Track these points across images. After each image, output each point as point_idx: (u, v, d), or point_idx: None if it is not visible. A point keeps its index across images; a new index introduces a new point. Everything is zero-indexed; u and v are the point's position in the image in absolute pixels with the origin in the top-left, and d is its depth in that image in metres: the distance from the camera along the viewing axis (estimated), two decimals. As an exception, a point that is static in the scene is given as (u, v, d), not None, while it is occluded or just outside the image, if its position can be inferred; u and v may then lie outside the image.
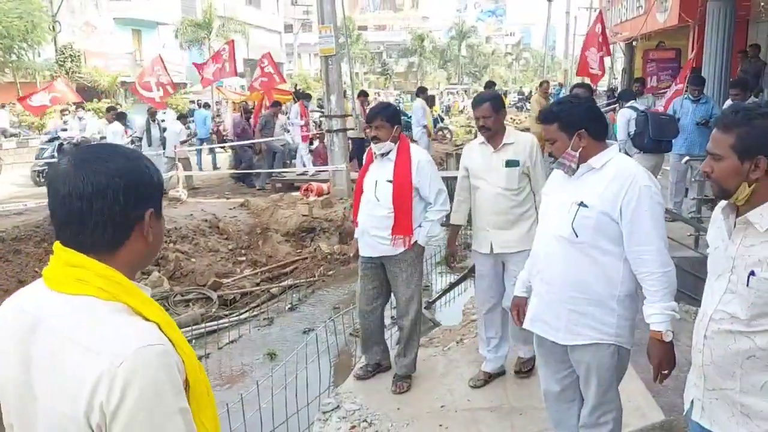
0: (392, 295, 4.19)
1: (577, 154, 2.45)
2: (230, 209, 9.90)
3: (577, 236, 2.43)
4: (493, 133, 3.73)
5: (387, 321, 4.62)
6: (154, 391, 1.08)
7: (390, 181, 3.87)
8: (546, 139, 2.57)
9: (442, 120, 22.22)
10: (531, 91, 33.98)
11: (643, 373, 3.55)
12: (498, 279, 3.94)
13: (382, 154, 3.89)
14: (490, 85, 14.02)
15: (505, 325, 4.02)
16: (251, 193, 11.66)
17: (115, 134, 11.75)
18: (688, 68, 9.59)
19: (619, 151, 2.58)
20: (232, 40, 15.39)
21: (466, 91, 41.45)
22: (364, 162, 4.19)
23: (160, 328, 1.16)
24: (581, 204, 2.42)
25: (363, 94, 14.36)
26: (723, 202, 1.92)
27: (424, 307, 6.27)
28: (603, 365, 2.52)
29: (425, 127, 12.53)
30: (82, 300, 1.14)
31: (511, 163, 3.71)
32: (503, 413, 3.70)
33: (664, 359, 2.37)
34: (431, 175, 3.94)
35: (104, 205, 1.15)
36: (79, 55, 24.05)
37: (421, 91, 13.76)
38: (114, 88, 25.59)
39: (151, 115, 12.36)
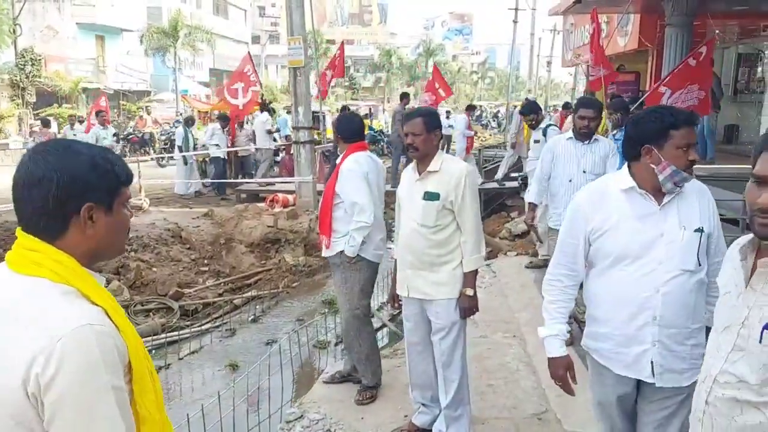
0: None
1: None
2: (193, 219, 9.76)
3: (700, 265, 2.18)
4: (422, 156, 3.22)
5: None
6: (88, 367, 1.15)
7: None
8: (688, 144, 2.17)
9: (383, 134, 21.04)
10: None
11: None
12: (427, 329, 3.41)
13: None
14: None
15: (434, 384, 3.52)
16: (215, 203, 11.54)
17: (266, 123, 13.16)
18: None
19: None
20: (343, 42, 14.68)
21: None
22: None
23: (107, 314, 1.24)
24: (700, 230, 2.18)
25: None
26: (743, 239, 1.64)
27: (388, 319, 6.29)
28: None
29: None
30: (34, 280, 1.22)
31: (429, 196, 3.19)
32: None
33: None
34: (349, 185, 3.80)
35: (39, 194, 1.23)
36: (39, 59, 23.49)
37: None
38: (75, 94, 25.06)
39: (187, 122, 13.77)
